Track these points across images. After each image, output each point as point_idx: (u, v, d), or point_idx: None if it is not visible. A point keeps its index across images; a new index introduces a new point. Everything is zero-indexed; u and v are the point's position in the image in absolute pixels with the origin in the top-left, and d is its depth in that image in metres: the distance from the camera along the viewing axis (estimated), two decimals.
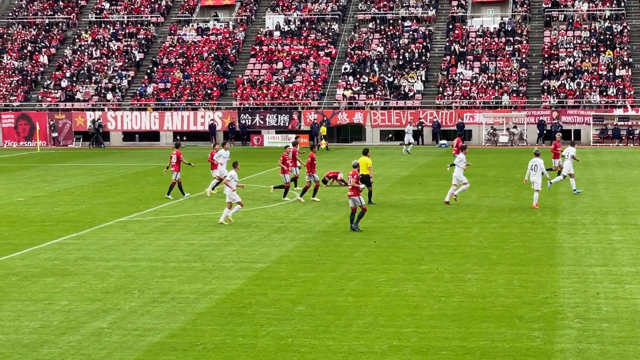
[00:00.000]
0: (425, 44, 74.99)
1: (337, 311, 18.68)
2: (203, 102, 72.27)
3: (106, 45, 79.23)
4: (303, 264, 23.49)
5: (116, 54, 78.49)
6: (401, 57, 74.04)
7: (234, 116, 70.46)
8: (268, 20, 79.31)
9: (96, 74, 76.44)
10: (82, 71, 76.70)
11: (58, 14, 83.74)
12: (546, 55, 72.43)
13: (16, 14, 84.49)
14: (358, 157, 35.17)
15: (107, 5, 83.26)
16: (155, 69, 76.05)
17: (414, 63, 73.41)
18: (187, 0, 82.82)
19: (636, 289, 20.28)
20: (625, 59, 70.94)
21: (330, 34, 77.20)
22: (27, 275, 22.57)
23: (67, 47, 79.82)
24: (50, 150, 67.93)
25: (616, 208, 32.67)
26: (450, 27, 76.31)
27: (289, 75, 73.53)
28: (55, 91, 75.19)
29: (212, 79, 74.30)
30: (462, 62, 72.66)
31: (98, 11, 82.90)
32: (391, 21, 77.91)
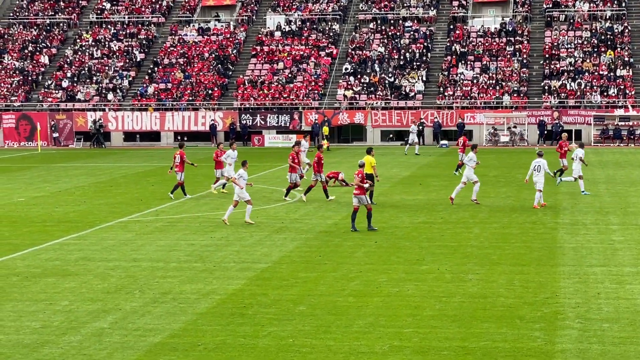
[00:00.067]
0: (426, 44, 74.99)
1: (338, 311, 18.68)
2: (204, 102, 72.28)
3: (107, 46, 79.26)
4: (304, 264, 23.49)
5: (117, 54, 78.51)
6: (402, 57, 74.04)
7: (235, 116, 70.47)
8: (269, 20, 79.32)
9: (97, 74, 76.45)
10: (83, 71, 76.72)
11: (59, 14, 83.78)
12: (547, 56, 72.41)
13: (17, 14, 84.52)
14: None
15: (108, 6, 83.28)
16: (156, 69, 76.07)
17: (414, 63, 73.42)
18: (188, 1, 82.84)
19: (637, 289, 20.27)
20: (626, 59, 70.92)
21: (331, 34, 77.20)
22: (28, 276, 22.57)
23: (68, 48, 79.85)
24: (51, 151, 67.94)
25: (617, 208, 32.65)
26: (451, 27, 76.30)
27: (289, 76, 73.53)
28: (56, 91, 75.21)
29: (213, 79, 74.30)
30: (463, 62, 72.66)
31: (99, 11, 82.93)
32: (392, 21, 77.92)
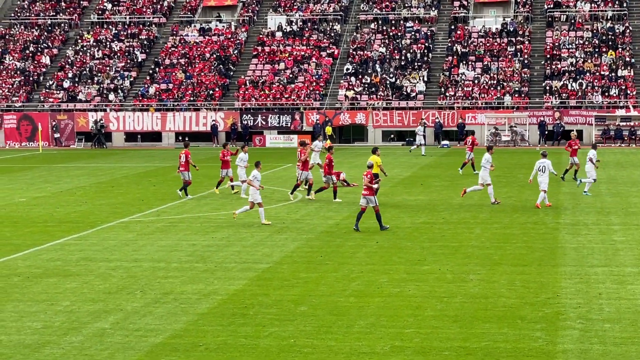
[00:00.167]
0: (427, 44, 74.97)
1: (339, 312, 18.68)
2: (205, 102, 72.29)
3: (108, 46, 79.28)
4: (305, 265, 23.48)
5: (118, 54, 78.53)
6: (403, 57, 74.02)
7: (236, 117, 70.47)
8: (270, 20, 79.32)
9: (98, 74, 76.48)
10: (84, 72, 76.74)
11: (60, 14, 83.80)
12: (548, 56, 72.39)
13: (18, 14, 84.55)
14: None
15: (109, 6, 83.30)
16: (157, 69, 76.08)
17: (416, 63, 73.41)
18: (189, 1, 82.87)
19: (638, 290, 20.26)
20: (628, 59, 70.88)
21: (332, 34, 77.19)
22: (29, 276, 22.58)
23: (69, 48, 79.87)
24: (53, 151, 67.95)
25: (618, 208, 32.64)
26: (452, 27, 76.29)
27: (291, 76, 73.54)
28: (58, 92, 75.23)
29: (214, 79, 74.31)
30: (464, 62, 72.66)
31: (100, 12, 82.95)
32: (393, 22, 77.91)
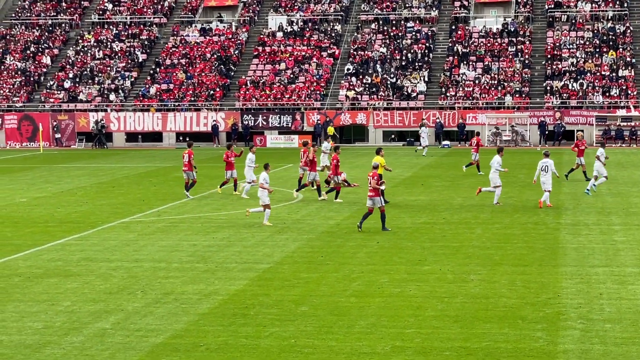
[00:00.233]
0: (428, 44, 74.97)
1: (339, 312, 18.68)
2: (206, 102, 72.29)
3: (109, 46, 79.28)
4: (306, 265, 23.48)
5: (119, 54, 78.53)
6: (404, 57, 74.02)
7: (237, 117, 70.47)
8: (271, 21, 79.31)
9: (99, 74, 76.48)
10: (85, 72, 76.74)
11: (61, 15, 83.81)
12: (549, 56, 72.38)
13: (19, 15, 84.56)
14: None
15: (110, 6, 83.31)
16: (158, 69, 76.09)
17: (416, 64, 73.40)
18: (189, 1, 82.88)
19: (639, 290, 20.25)
20: (628, 59, 70.87)
21: (333, 34, 77.20)
22: (30, 276, 22.58)
23: (70, 48, 79.88)
24: (53, 151, 67.95)
25: (619, 209, 32.63)
26: (453, 27, 76.27)
27: (291, 76, 73.54)
28: (58, 92, 75.24)
29: (214, 79, 74.32)
30: (465, 62, 72.64)
31: (101, 12, 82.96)
32: (394, 22, 77.90)
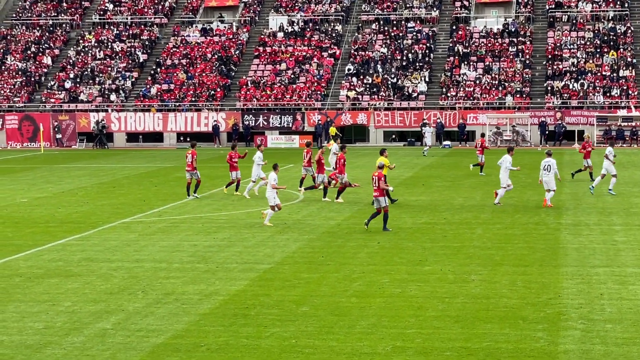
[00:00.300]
0: (428, 44, 74.97)
1: (340, 312, 18.68)
2: (207, 103, 72.31)
3: (110, 47, 79.30)
4: (307, 265, 23.48)
5: (120, 55, 78.56)
6: (405, 58, 74.02)
7: (238, 117, 70.48)
8: (271, 21, 79.32)
9: (100, 75, 76.51)
10: (85, 72, 76.77)
11: (62, 15, 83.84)
12: (550, 56, 72.37)
13: (20, 15, 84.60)
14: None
15: (110, 7, 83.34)
16: (158, 70, 76.11)
17: (417, 64, 73.40)
18: (190, 2, 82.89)
19: None
20: (629, 59, 70.87)
21: (334, 34, 77.20)
22: (30, 277, 22.58)
23: (71, 49, 79.91)
24: (54, 152, 67.96)
25: (620, 209, 32.61)
26: (454, 28, 76.27)
27: (292, 76, 73.54)
28: (59, 92, 75.26)
29: (215, 79, 74.33)
30: (466, 63, 72.65)
31: (102, 12, 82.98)
32: (394, 22, 77.91)
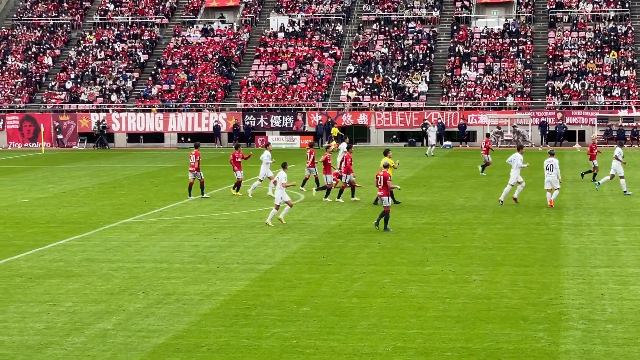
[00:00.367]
0: (429, 45, 74.96)
1: (341, 312, 18.68)
2: (207, 103, 72.31)
3: (110, 47, 79.31)
4: (307, 266, 23.48)
5: (120, 55, 78.57)
6: (405, 58, 74.02)
7: (239, 117, 70.49)
8: (272, 21, 79.32)
9: (100, 75, 76.52)
10: (86, 73, 76.79)
11: (62, 15, 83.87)
12: (550, 56, 72.36)
13: (21, 15, 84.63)
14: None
15: (111, 7, 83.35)
16: (159, 70, 76.11)
17: (418, 64, 73.40)
18: (191, 2, 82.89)
19: None
20: (630, 59, 70.85)
21: (335, 35, 77.19)
22: (31, 277, 22.58)
23: (72, 49, 79.93)
24: (55, 152, 67.98)
25: (621, 209, 32.61)
26: (455, 28, 76.25)
27: (293, 77, 73.54)
28: (60, 92, 75.27)
29: (216, 80, 74.33)
30: (467, 63, 72.64)
31: (102, 13, 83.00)
32: (395, 22, 77.90)
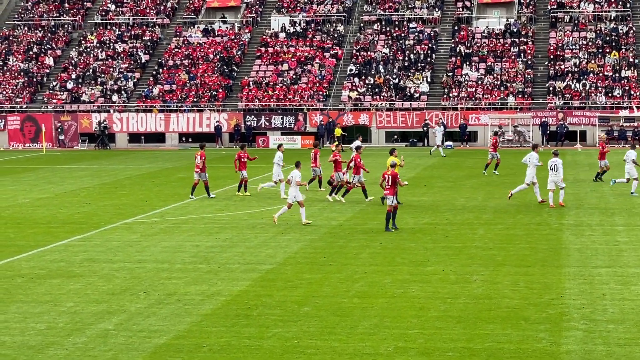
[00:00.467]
0: (430, 45, 74.95)
1: (342, 313, 18.67)
2: (209, 103, 72.32)
3: (112, 47, 79.34)
4: (309, 266, 23.48)
5: (122, 55, 78.59)
6: (407, 58, 74.02)
7: (240, 117, 70.50)
8: (273, 21, 79.33)
9: (102, 75, 76.54)
10: (87, 73, 76.82)
11: (64, 15, 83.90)
12: (552, 57, 72.35)
13: (22, 15, 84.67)
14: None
15: (112, 7, 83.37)
16: (160, 70, 76.13)
17: (419, 64, 73.40)
18: (192, 2, 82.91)
19: None
20: (631, 60, 70.84)
21: (336, 35, 77.20)
22: (32, 277, 22.59)
23: (73, 49, 79.95)
24: (56, 152, 67.99)
25: (622, 209, 32.60)
26: (456, 28, 76.26)
27: (294, 77, 73.55)
28: (61, 93, 75.30)
29: (217, 80, 74.34)
30: (468, 63, 72.63)
31: (104, 13, 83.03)
32: (396, 22, 77.89)
